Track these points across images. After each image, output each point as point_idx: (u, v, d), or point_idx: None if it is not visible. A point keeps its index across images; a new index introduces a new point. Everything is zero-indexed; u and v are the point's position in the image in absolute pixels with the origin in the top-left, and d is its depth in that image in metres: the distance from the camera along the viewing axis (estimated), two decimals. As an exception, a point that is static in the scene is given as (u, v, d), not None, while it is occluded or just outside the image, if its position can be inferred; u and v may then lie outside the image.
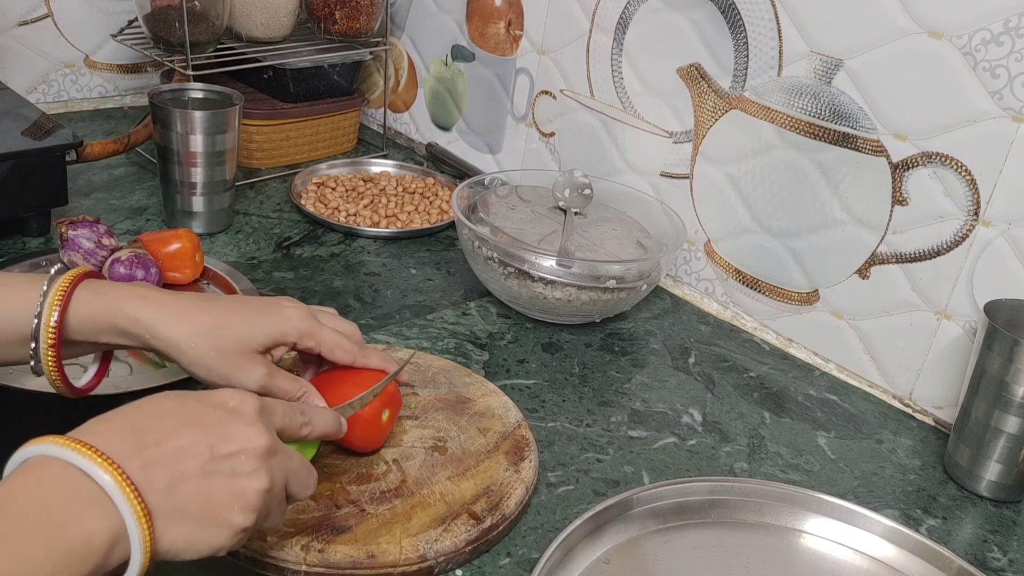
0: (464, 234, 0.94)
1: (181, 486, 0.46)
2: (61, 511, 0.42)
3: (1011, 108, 0.77)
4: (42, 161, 0.95)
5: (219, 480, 0.48)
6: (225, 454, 0.48)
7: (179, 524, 0.46)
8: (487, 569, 0.63)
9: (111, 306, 0.59)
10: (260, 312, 0.64)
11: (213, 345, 0.61)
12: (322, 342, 0.66)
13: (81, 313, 0.59)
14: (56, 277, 0.59)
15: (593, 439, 0.79)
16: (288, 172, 1.24)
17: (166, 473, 0.46)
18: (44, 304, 0.58)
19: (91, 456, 0.44)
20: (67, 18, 1.29)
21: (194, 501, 0.47)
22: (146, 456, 0.46)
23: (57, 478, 0.43)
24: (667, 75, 1.02)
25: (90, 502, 0.43)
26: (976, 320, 0.83)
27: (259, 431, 0.50)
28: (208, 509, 0.47)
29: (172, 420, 0.48)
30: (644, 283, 0.93)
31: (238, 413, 0.50)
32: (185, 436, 0.48)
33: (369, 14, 1.26)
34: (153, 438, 0.47)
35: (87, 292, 0.59)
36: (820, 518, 0.72)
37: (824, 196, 0.91)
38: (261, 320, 0.63)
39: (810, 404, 0.89)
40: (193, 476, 0.47)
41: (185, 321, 0.61)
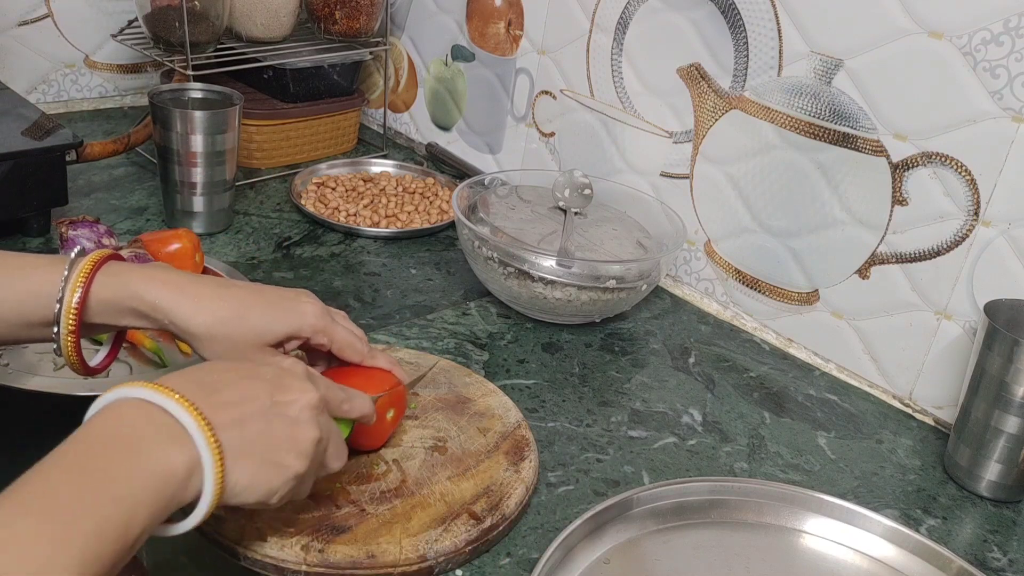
0: (464, 234, 0.94)
1: (246, 425, 0.51)
2: (144, 440, 0.47)
3: (1011, 108, 0.77)
4: (42, 161, 0.95)
5: (278, 423, 0.52)
6: (283, 401, 0.53)
7: (243, 461, 0.50)
8: (487, 569, 0.63)
9: (131, 290, 0.60)
10: (278, 306, 0.65)
11: (228, 335, 0.62)
12: (335, 340, 0.67)
13: (101, 296, 0.60)
14: (77, 260, 0.60)
15: (593, 439, 0.79)
16: (288, 172, 1.24)
17: (232, 413, 0.51)
18: (65, 288, 0.59)
19: (169, 394, 0.48)
20: (67, 18, 1.29)
21: (257, 440, 0.51)
22: (214, 399, 0.50)
23: (139, 414, 0.48)
24: (667, 75, 1.02)
25: (171, 435, 0.48)
26: (976, 320, 0.83)
27: (310, 387, 0.55)
28: (268, 449, 0.52)
29: (233, 373, 0.53)
30: (644, 283, 0.93)
31: (291, 371, 0.55)
32: (246, 385, 0.53)
33: (369, 14, 1.26)
34: (218, 386, 0.52)
35: (107, 276, 0.60)
36: (820, 518, 0.72)
37: (824, 196, 0.91)
38: (278, 314, 0.64)
39: (810, 404, 0.89)
40: (256, 417, 0.51)
41: (203, 310, 0.62)
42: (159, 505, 0.46)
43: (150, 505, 0.46)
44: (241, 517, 0.61)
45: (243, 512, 0.61)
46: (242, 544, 0.60)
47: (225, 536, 0.60)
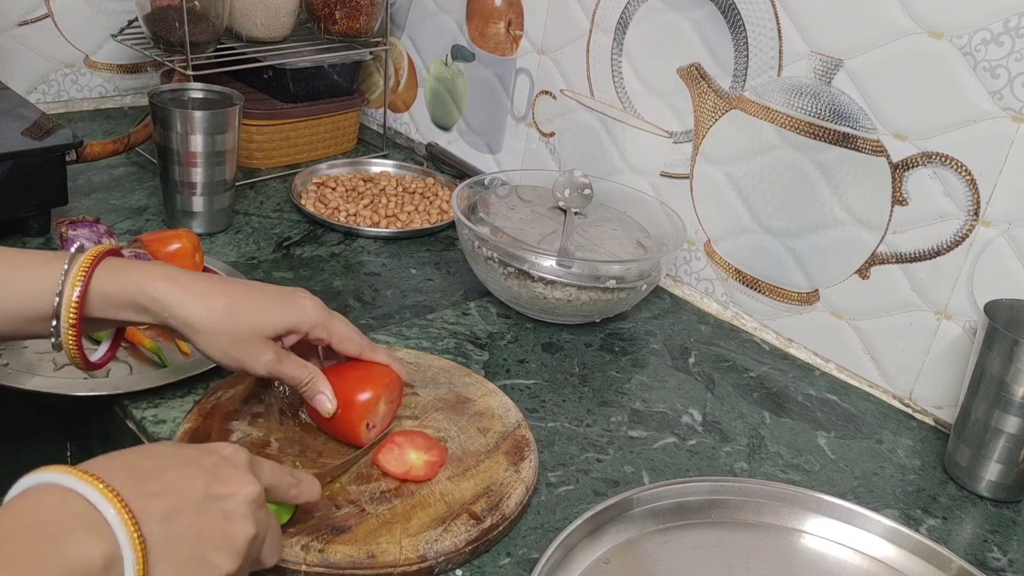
0: (464, 234, 0.94)
1: (175, 520, 0.47)
2: (61, 532, 0.43)
3: (1011, 108, 0.77)
4: (42, 161, 0.95)
5: (211, 519, 0.48)
6: (219, 494, 0.49)
7: (168, 557, 0.46)
8: (487, 569, 0.63)
9: (131, 285, 0.61)
10: (276, 300, 0.66)
11: (227, 328, 0.63)
12: (334, 333, 0.68)
13: (101, 291, 0.60)
14: (77, 256, 0.60)
15: (593, 439, 0.79)
16: (288, 172, 1.24)
17: (162, 505, 0.46)
18: (65, 283, 0.59)
19: (92, 482, 0.44)
20: (67, 18, 1.29)
21: (186, 536, 0.47)
22: (144, 488, 0.46)
23: (57, 502, 0.44)
24: (667, 75, 1.02)
25: (89, 525, 0.43)
26: (976, 320, 0.83)
27: (250, 479, 0.51)
28: (198, 546, 0.47)
29: (169, 459, 0.49)
30: (644, 283, 0.93)
31: (231, 461, 0.51)
32: (181, 474, 0.48)
33: (369, 14, 1.26)
34: (151, 473, 0.48)
35: (107, 271, 0.61)
36: (820, 518, 0.72)
37: (824, 196, 0.91)
38: (277, 308, 0.65)
39: (810, 404, 0.89)
40: (187, 511, 0.47)
41: (202, 304, 0.62)
42: None
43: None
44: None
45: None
46: (242, 544, 0.59)
47: (225, 536, 0.60)
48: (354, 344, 0.69)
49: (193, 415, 0.71)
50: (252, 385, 0.75)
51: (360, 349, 0.69)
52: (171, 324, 0.62)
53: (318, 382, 0.67)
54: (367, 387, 0.69)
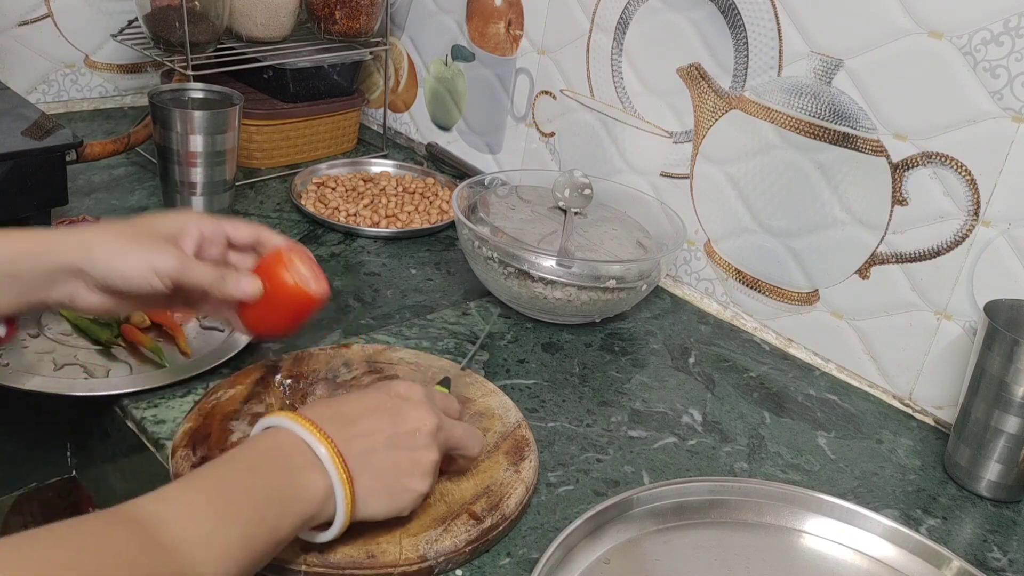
0: (464, 234, 0.94)
1: (373, 455, 0.58)
2: (292, 464, 0.55)
3: (1011, 108, 0.77)
4: (42, 161, 0.94)
5: (401, 452, 0.60)
6: (404, 432, 0.60)
7: (373, 486, 0.58)
8: (487, 569, 0.63)
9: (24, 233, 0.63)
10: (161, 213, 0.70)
11: (122, 232, 0.65)
12: (224, 224, 0.71)
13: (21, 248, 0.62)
14: None
15: (593, 439, 0.79)
16: (288, 172, 1.24)
17: (362, 445, 0.58)
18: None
19: (310, 429, 0.56)
20: (67, 18, 1.29)
21: (384, 468, 0.58)
22: (347, 431, 0.58)
23: (289, 442, 0.56)
24: (667, 75, 1.02)
25: (311, 463, 0.56)
26: (976, 320, 0.83)
27: (428, 412, 0.62)
28: (395, 475, 0.59)
29: (362, 406, 0.61)
30: (644, 283, 0.93)
31: (409, 399, 0.62)
32: (373, 419, 0.60)
33: (369, 14, 1.26)
34: (350, 419, 0.59)
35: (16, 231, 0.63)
36: (820, 518, 0.72)
37: (824, 196, 0.91)
38: (160, 214, 0.69)
39: (810, 404, 0.89)
40: (381, 448, 0.59)
41: (92, 230, 0.65)
42: (302, 517, 0.54)
43: (294, 516, 0.54)
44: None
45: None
46: (242, 544, 0.60)
47: (225, 536, 0.60)
48: (248, 227, 0.71)
49: (193, 415, 0.71)
50: (252, 385, 0.75)
51: (255, 229, 0.72)
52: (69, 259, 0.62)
53: (230, 273, 0.68)
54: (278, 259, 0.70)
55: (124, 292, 0.64)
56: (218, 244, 0.70)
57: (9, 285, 0.62)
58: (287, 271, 0.69)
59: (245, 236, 0.71)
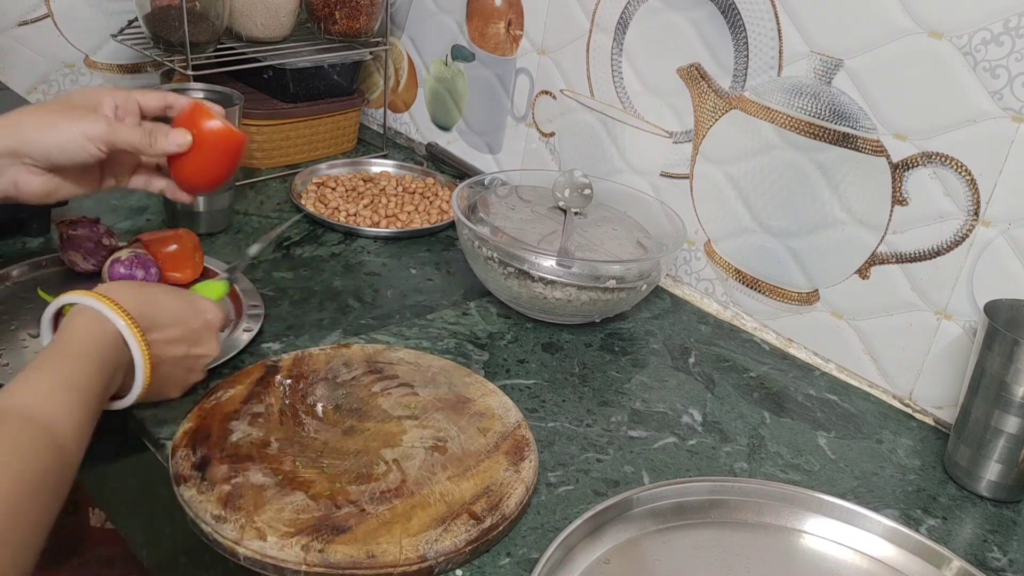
0: (464, 234, 0.94)
1: (163, 365, 0.69)
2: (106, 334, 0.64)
3: (1011, 108, 0.77)
4: (42, 161, 0.94)
5: (185, 368, 0.72)
6: (195, 355, 0.72)
7: (159, 378, 0.69)
8: (487, 569, 0.63)
9: None
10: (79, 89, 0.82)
11: (46, 109, 0.70)
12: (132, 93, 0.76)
13: None
14: None
15: (593, 439, 0.79)
16: (288, 172, 1.24)
17: (157, 352, 0.68)
18: None
19: (122, 316, 0.65)
20: (67, 18, 1.29)
21: (168, 372, 0.70)
22: (152, 332, 0.67)
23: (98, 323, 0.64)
24: (667, 75, 1.02)
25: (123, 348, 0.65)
26: (976, 320, 0.83)
27: (217, 345, 0.74)
28: (176, 377, 0.72)
29: (171, 315, 0.69)
30: (644, 283, 0.93)
31: (211, 326, 0.73)
32: (175, 331, 0.69)
33: (369, 14, 1.26)
34: (156, 322, 0.67)
35: None
36: (820, 518, 0.72)
37: (824, 196, 0.91)
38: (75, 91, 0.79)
39: (810, 404, 0.89)
40: (171, 362, 0.70)
41: (17, 112, 0.69)
42: (116, 375, 0.65)
43: (109, 373, 0.63)
44: (241, 516, 0.61)
45: (244, 512, 0.61)
46: (242, 544, 0.60)
47: (225, 536, 0.60)
48: (155, 93, 0.77)
49: (193, 415, 0.71)
50: (252, 385, 0.75)
51: (162, 94, 0.77)
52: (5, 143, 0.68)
53: (159, 128, 0.74)
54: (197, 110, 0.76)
55: (62, 167, 0.71)
56: (132, 113, 0.75)
57: None
58: (210, 119, 0.74)
59: (154, 101, 0.76)
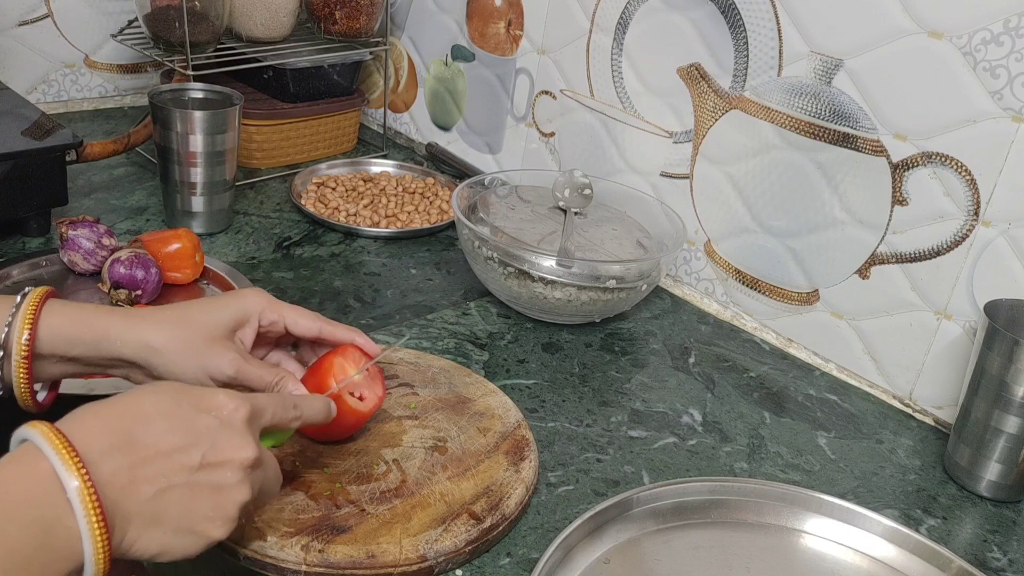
0: (464, 234, 0.94)
1: (166, 495, 0.47)
2: (46, 513, 0.43)
3: (1011, 108, 0.77)
4: (42, 161, 0.95)
5: (203, 491, 0.49)
6: (213, 463, 0.49)
7: (156, 530, 0.47)
8: (487, 569, 0.63)
9: (81, 316, 0.60)
10: (220, 298, 0.66)
11: (181, 336, 0.62)
12: (285, 315, 0.67)
13: (51, 324, 0.59)
14: (26, 295, 0.60)
15: (593, 439, 0.79)
16: (288, 172, 1.24)
17: (153, 483, 0.47)
18: (16, 317, 0.58)
19: (69, 465, 0.44)
20: (67, 18, 1.29)
21: (175, 509, 0.48)
22: (135, 456, 0.47)
23: (46, 476, 0.44)
24: (667, 75, 1.02)
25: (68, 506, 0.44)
26: (976, 320, 0.83)
27: (248, 443, 0.51)
28: (188, 519, 0.48)
29: (165, 423, 0.49)
30: (644, 283, 0.93)
31: (229, 423, 0.51)
32: (176, 440, 0.48)
33: (369, 14, 1.26)
34: (143, 440, 0.47)
35: (57, 306, 0.60)
36: (820, 518, 0.72)
37: (824, 196, 0.91)
38: (220, 304, 0.65)
39: (810, 404, 0.89)
40: (179, 485, 0.48)
41: (150, 322, 0.62)
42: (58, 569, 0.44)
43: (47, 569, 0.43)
44: (241, 517, 0.61)
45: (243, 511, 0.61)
46: (242, 544, 0.60)
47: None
48: (309, 322, 0.68)
49: (193, 415, 0.71)
50: (252, 385, 0.75)
51: (318, 325, 0.68)
52: (126, 354, 0.61)
53: (288, 380, 0.65)
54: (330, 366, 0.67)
55: None
56: (276, 333, 0.68)
57: (68, 365, 0.61)
58: (335, 380, 0.66)
59: (305, 332, 0.68)
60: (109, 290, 0.85)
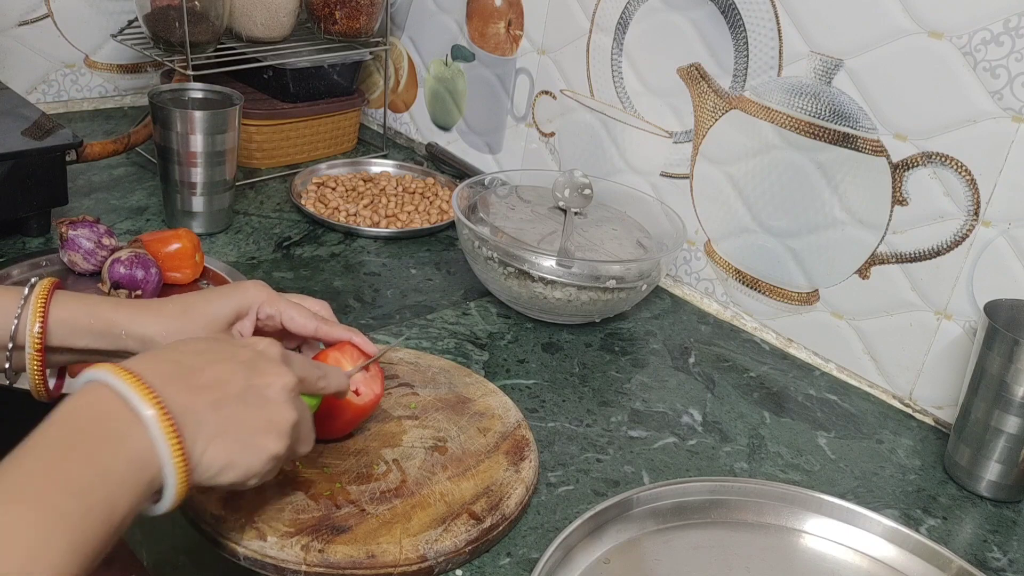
0: (464, 234, 0.94)
1: (223, 408, 0.52)
2: (119, 426, 0.48)
3: (1011, 108, 0.77)
4: (42, 161, 0.95)
5: (254, 406, 0.53)
6: (258, 384, 0.54)
7: (220, 442, 0.51)
8: (487, 569, 0.63)
9: (86, 310, 0.62)
10: (221, 290, 0.68)
11: (181, 328, 0.64)
12: (281, 311, 0.68)
13: (59, 317, 0.61)
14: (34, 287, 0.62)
15: (593, 439, 0.79)
16: (288, 172, 1.24)
17: (209, 396, 0.51)
18: (26, 309, 0.60)
19: (135, 387, 0.48)
20: (67, 18, 1.29)
21: (234, 422, 0.52)
22: (191, 382, 0.51)
23: (113, 404, 0.48)
24: (667, 75, 1.02)
25: (138, 425, 0.48)
26: (976, 320, 0.83)
27: (285, 369, 0.56)
28: (246, 430, 0.53)
29: (211, 355, 0.54)
30: (644, 283, 0.93)
31: (266, 354, 0.56)
32: (223, 368, 0.53)
33: (369, 14, 1.26)
34: (196, 368, 0.52)
35: (65, 297, 0.62)
36: (820, 518, 0.72)
37: (824, 196, 0.91)
38: (221, 295, 0.67)
39: (810, 404, 0.89)
40: (232, 399, 0.52)
41: (152, 314, 0.64)
42: (139, 488, 0.47)
43: (131, 487, 0.47)
44: (241, 517, 0.61)
45: (243, 511, 0.61)
46: (242, 544, 0.60)
47: (225, 536, 0.60)
48: (305, 320, 0.69)
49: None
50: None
51: (314, 325, 0.69)
52: (128, 345, 0.62)
53: None
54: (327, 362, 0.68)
55: None
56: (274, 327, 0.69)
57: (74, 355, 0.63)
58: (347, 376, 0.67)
59: (300, 330, 0.69)
60: (109, 290, 0.85)
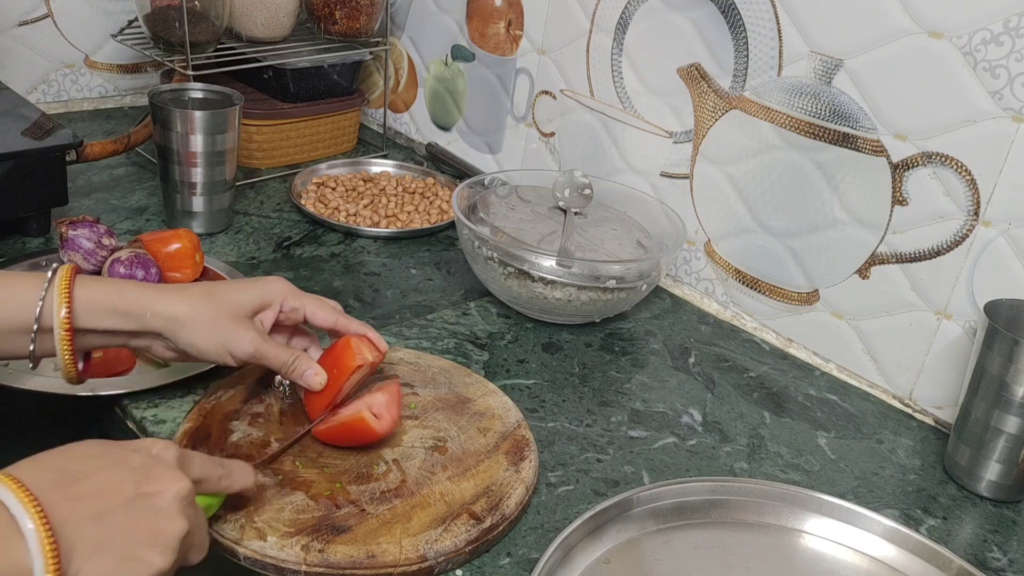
0: (464, 234, 0.94)
1: (105, 520, 0.48)
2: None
3: (1011, 108, 0.77)
4: (42, 161, 0.95)
5: (142, 517, 0.49)
6: (148, 492, 0.50)
7: (100, 558, 0.47)
8: (487, 569, 0.63)
9: (110, 291, 0.64)
10: (246, 281, 0.71)
11: (207, 312, 0.66)
12: (305, 305, 0.72)
13: (84, 298, 0.63)
14: (56, 271, 0.63)
15: (593, 439, 0.79)
16: (288, 172, 1.24)
17: (91, 507, 0.47)
18: (51, 292, 0.62)
19: (15, 490, 0.45)
20: (67, 18, 1.29)
21: (117, 535, 0.48)
22: (71, 491, 0.47)
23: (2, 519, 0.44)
24: (667, 75, 1.02)
25: (17, 535, 0.44)
26: (976, 320, 0.83)
27: (180, 475, 0.52)
28: (129, 545, 0.48)
29: (98, 461, 0.50)
30: (644, 283, 0.93)
31: (160, 459, 0.52)
32: (110, 474, 0.49)
33: (369, 14, 1.26)
34: (79, 476, 0.48)
35: (88, 280, 0.64)
36: (820, 518, 0.72)
37: (824, 196, 0.91)
38: (246, 284, 0.70)
39: (810, 404, 0.89)
40: (117, 511, 0.48)
41: (178, 295, 0.66)
42: None
43: None
44: (241, 517, 0.61)
45: (243, 511, 0.61)
46: (242, 544, 0.60)
47: (225, 536, 0.60)
48: (327, 313, 0.72)
49: (193, 415, 0.71)
50: (252, 385, 0.75)
51: (334, 318, 0.72)
52: (153, 325, 0.65)
53: (303, 360, 0.70)
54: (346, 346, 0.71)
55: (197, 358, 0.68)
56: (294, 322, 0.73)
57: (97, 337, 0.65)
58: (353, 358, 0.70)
59: (322, 323, 0.73)
60: (109, 290, 0.85)
